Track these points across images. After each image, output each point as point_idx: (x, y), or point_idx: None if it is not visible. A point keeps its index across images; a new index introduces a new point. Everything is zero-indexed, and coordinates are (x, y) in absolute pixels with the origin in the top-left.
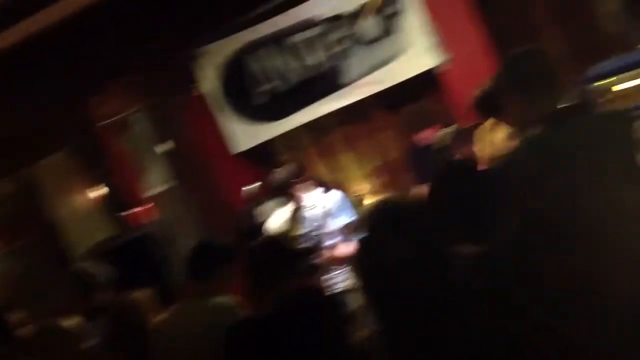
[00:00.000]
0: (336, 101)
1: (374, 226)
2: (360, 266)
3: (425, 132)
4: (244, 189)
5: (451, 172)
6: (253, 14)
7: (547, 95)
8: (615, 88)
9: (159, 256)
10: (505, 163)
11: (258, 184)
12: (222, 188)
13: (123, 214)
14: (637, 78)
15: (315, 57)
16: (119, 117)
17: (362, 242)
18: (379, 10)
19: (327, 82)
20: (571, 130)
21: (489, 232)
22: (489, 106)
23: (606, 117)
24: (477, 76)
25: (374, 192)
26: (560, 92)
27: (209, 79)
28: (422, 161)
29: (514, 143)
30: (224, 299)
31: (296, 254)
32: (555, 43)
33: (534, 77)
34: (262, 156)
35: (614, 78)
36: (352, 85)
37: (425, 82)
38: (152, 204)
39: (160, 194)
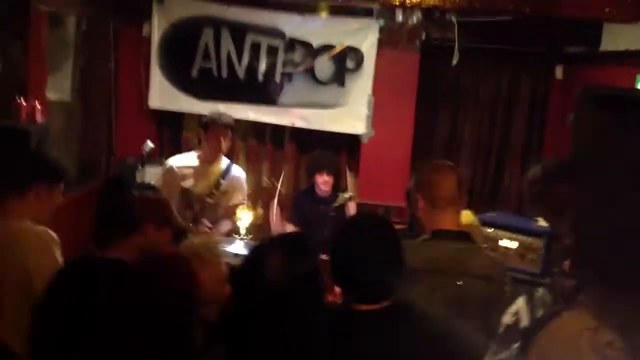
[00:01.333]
0: (260, 114)
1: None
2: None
3: (322, 176)
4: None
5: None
6: None
7: (448, 212)
8: (501, 242)
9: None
10: None
11: (151, 144)
12: (118, 130)
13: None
14: (514, 241)
15: (266, 65)
16: (58, 10)
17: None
18: (339, 59)
19: (263, 92)
20: (450, 247)
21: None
22: None
23: (489, 260)
24: (389, 162)
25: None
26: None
27: (158, 28)
28: (304, 206)
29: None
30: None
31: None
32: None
33: (444, 197)
34: (170, 123)
35: (499, 232)
36: (283, 109)
37: (348, 143)
38: (44, 105)
39: (56, 103)
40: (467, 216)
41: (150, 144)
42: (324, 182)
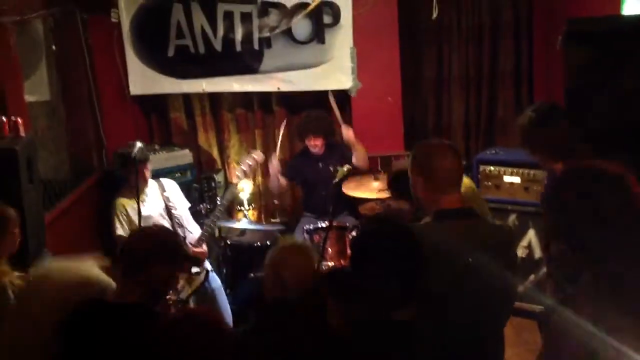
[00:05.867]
0: (244, 83)
1: None
2: None
3: (316, 140)
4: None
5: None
6: None
7: (451, 192)
8: (505, 179)
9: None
10: None
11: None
12: (105, 122)
13: None
14: (517, 176)
15: (242, 34)
16: (21, 18)
17: None
18: (315, 15)
19: (243, 61)
20: (455, 226)
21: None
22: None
23: (496, 231)
24: (381, 111)
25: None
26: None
27: (127, 11)
28: (302, 167)
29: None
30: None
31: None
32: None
33: (446, 179)
34: (154, 106)
35: (502, 168)
36: (266, 75)
37: (337, 99)
38: (25, 116)
39: (36, 105)
40: (465, 182)
41: (139, 144)
42: (313, 145)
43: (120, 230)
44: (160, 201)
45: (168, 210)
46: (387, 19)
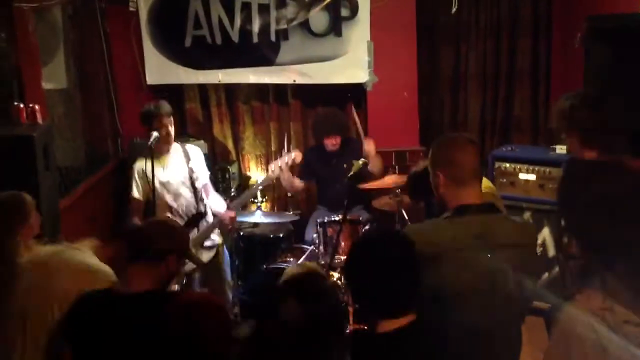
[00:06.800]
0: (260, 75)
1: None
2: None
3: (331, 139)
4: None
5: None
6: None
7: (471, 187)
8: (520, 176)
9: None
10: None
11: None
12: (121, 110)
13: (15, 103)
14: (532, 173)
15: (259, 25)
16: (40, 4)
17: None
18: (333, 8)
19: (259, 53)
20: (475, 221)
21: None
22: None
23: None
24: (397, 106)
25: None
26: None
27: (145, 1)
28: (315, 163)
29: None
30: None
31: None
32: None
33: (467, 172)
34: (170, 96)
35: (517, 165)
36: (282, 67)
37: (353, 93)
38: (42, 103)
39: (54, 92)
40: (483, 182)
41: (155, 134)
42: (333, 144)
43: (136, 193)
44: (184, 169)
45: (192, 181)
46: (405, 13)
